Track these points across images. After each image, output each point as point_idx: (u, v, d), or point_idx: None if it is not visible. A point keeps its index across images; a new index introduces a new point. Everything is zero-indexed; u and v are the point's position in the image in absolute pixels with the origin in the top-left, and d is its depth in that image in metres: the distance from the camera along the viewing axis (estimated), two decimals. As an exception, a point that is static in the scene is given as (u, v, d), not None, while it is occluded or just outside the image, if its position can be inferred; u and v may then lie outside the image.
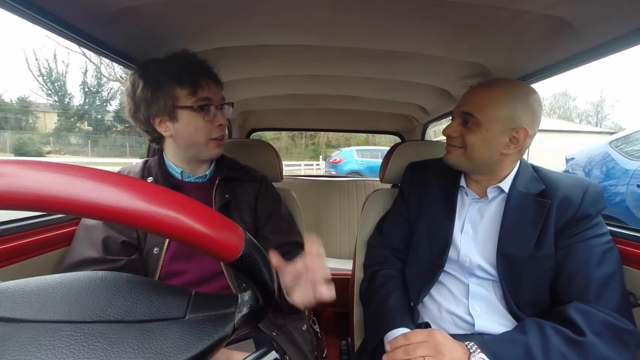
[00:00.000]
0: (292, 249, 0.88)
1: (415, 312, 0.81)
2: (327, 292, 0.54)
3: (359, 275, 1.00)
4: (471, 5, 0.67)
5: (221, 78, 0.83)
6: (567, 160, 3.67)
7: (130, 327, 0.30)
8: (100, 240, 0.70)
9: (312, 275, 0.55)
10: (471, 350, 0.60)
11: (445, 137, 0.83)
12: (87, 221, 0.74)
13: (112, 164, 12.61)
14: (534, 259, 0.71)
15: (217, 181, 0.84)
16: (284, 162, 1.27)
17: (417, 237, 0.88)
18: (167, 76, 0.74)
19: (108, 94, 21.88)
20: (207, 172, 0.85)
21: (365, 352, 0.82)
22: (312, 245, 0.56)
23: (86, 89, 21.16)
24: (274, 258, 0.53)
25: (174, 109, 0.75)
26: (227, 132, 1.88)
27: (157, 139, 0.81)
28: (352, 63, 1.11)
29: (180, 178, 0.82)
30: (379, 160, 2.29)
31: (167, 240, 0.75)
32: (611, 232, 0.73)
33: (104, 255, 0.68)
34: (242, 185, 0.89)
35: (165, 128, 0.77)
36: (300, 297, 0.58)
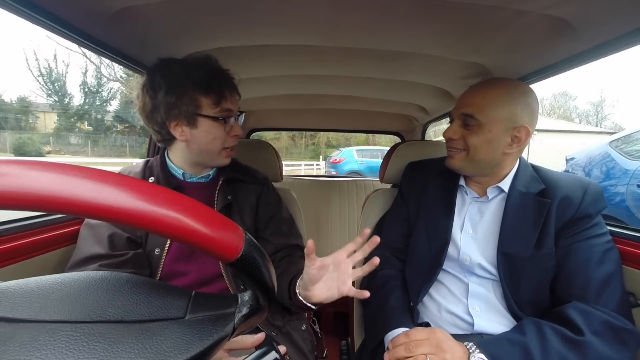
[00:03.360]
0: (292, 251, 0.88)
1: (415, 312, 0.82)
2: (354, 289, 0.59)
3: None
4: (471, 5, 0.67)
5: None
6: (567, 160, 3.67)
7: (130, 327, 0.30)
8: (106, 237, 0.70)
9: (344, 267, 0.59)
10: (470, 351, 0.60)
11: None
12: (90, 220, 0.74)
13: (112, 164, 12.61)
14: (535, 258, 0.71)
15: (220, 182, 0.84)
16: (284, 162, 1.27)
17: (416, 236, 0.88)
18: (193, 82, 0.72)
19: (108, 94, 21.92)
20: (210, 173, 0.85)
21: (366, 352, 0.82)
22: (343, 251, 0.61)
23: (86, 89, 21.17)
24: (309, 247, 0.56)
25: (194, 116, 0.74)
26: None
27: (167, 141, 0.80)
28: (352, 63, 1.11)
29: (182, 179, 0.82)
30: (379, 160, 2.29)
31: (169, 241, 0.75)
32: (611, 232, 0.73)
33: (110, 251, 0.69)
34: (245, 186, 0.89)
35: (180, 132, 0.76)
36: (321, 291, 0.61)
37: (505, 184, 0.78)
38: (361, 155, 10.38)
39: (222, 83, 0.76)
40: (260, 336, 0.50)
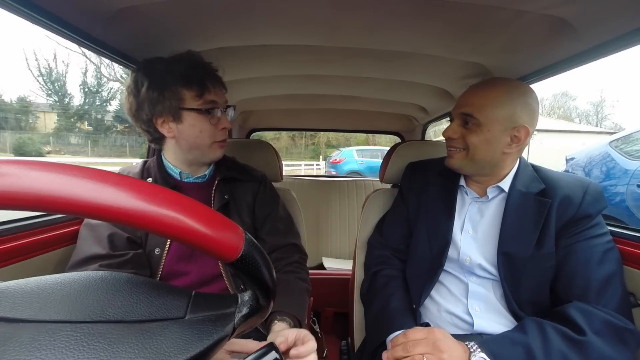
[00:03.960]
0: (289, 252, 0.88)
1: (417, 313, 0.81)
2: None
3: (359, 275, 1.00)
4: (471, 5, 0.67)
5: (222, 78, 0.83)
6: (567, 160, 3.67)
7: (130, 327, 0.30)
8: (106, 237, 0.70)
9: None
10: (471, 350, 0.60)
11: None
12: (90, 220, 0.74)
13: (112, 164, 12.61)
14: (535, 258, 0.71)
15: (216, 182, 0.84)
16: (283, 162, 1.27)
17: (417, 237, 0.88)
18: (174, 76, 0.72)
19: (108, 94, 21.93)
20: (206, 173, 0.85)
21: (366, 352, 0.82)
22: (309, 345, 0.53)
23: (86, 89, 21.17)
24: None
25: (179, 110, 0.74)
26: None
27: (158, 140, 0.80)
28: (352, 63, 1.11)
29: (179, 179, 0.82)
30: (379, 160, 2.29)
31: (169, 241, 0.75)
32: (611, 232, 0.73)
33: (110, 251, 0.69)
34: (242, 185, 0.88)
35: (168, 129, 0.76)
36: None
37: (506, 184, 0.78)
38: (361, 155, 10.38)
39: (203, 75, 0.75)
40: (263, 343, 0.50)
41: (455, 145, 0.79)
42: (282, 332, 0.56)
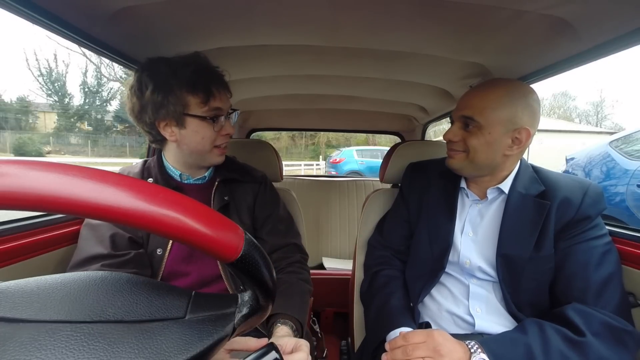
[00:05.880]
0: (291, 252, 0.87)
1: (415, 311, 0.81)
2: None
3: (359, 275, 1.00)
4: (471, 5, 0.67)
5: None
6: (567, 160, 3.67)
7: (130, 327, 0.30)
8: (108, 237, 0.70)
9: None
10: (472, 350, 0.60)
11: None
12: (91, 220, 0.74)
13: (112, 164, 12.61)
14: (534, 260, 0.71)
15: (216, 183, 0.83)
16: (283, 162, 1.27)
17: (418, 239, 0.88)
18: (180, 81, 0.71)
19: (108, 94, 21.92)
20: (205, 174, 0.85)
21: (366, 352, 0.82)
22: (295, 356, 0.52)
23: (86, 89, 21.16)
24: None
25: (182, 116, 0.72)
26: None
27: (159, 141, 0.79)
28: (352, 63, 1.11)
29: (179, 180, 0.82)
30: (379, 160, 2.29)
31: (170, 242, 0.75)
32: (611, 232, 0.73)
33: (112, 251, 0.69)
34: (242, 186, 0.88)
35: (170, 132, 0.75)
36: None
37: (506, 186, 0.78)
38: (361, 155, 10.38)
39: (210, 81, 0.74)
40: (263, 340, 0.50)
41: (456, 149, 0.78)
42: (282, 341, 0.56)
